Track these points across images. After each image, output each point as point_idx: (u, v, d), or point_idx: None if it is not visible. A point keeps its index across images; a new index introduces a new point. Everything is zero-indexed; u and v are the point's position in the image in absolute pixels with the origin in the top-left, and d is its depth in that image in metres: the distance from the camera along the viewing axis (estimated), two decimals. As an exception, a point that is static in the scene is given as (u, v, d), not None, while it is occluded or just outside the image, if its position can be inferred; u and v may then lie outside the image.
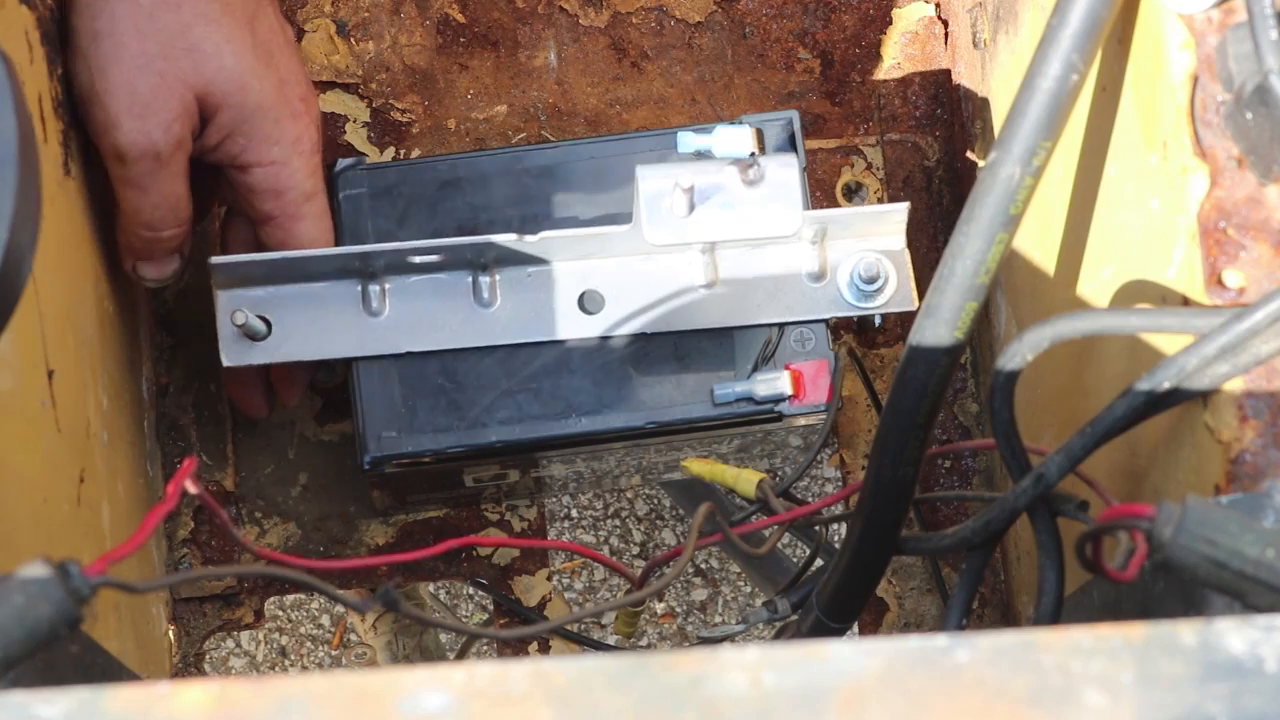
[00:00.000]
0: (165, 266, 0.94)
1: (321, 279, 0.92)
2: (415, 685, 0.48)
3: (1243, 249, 0.67)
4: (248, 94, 0.89)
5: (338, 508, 1.04)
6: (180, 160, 0.89)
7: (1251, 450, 0.66)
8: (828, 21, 1.10)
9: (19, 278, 0.57)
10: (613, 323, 0.93)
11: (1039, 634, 0.49)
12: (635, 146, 0.96)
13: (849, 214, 0.92)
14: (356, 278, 0.92)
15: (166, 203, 0.90)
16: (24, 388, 0.77)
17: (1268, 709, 0.47)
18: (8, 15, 0.80)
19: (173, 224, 0.91)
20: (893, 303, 0.94)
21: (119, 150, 0.87)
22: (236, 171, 0.91)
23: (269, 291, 0.92)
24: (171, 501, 0.61)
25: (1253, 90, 0.65)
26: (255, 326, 0.91)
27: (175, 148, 0.88)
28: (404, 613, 0.64)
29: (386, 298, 0.93)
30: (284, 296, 0.92)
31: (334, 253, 0.92)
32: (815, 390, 0.94)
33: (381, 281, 0.93)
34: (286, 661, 1.85)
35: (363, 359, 0.93)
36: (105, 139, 0.87)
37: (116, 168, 0.88)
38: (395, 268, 0.92)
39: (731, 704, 0.47)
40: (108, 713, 0.47)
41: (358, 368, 0.93)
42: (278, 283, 0.92)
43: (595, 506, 1.84)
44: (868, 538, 0.78)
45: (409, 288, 0.93)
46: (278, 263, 0.91)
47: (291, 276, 0.92)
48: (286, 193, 0.92)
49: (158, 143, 0.87)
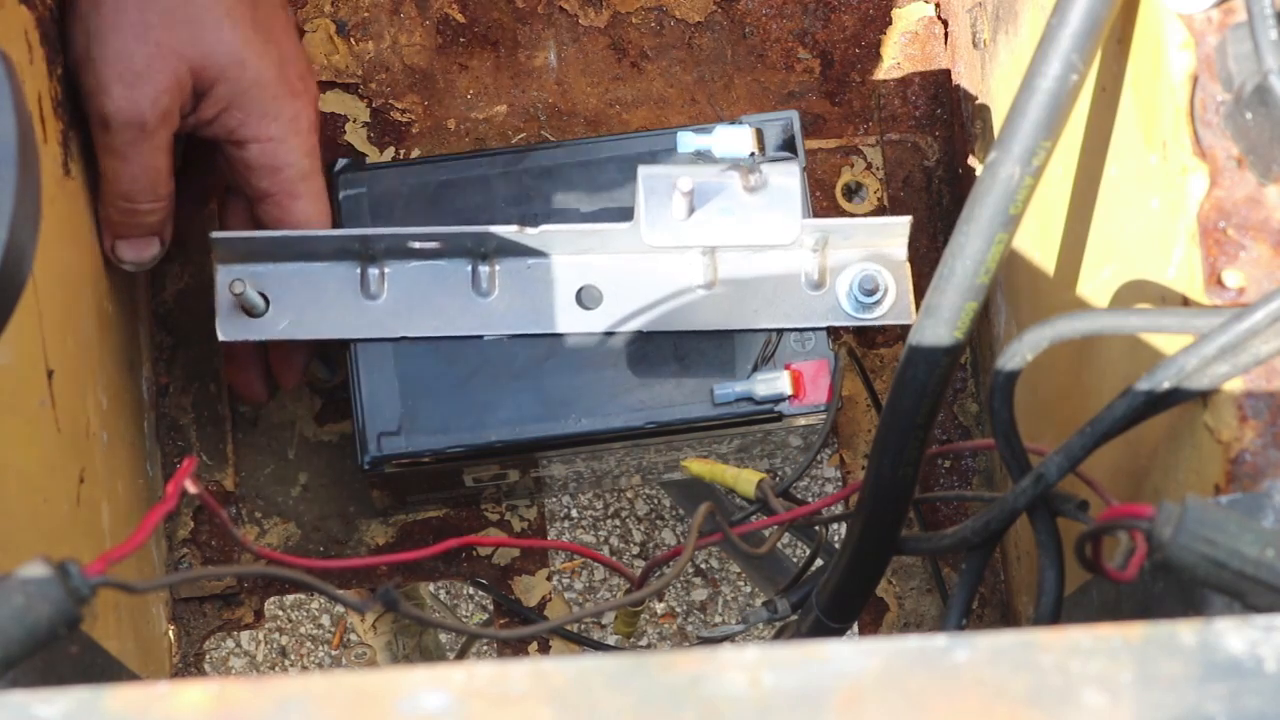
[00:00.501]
0: (143, 249, 0.93)
1: (321, 259, 0.92)
2: (415, 685, 0.48)
3: (1242, 249, 0.67)
4: (245, 68, 0.89)
5: (338, 508, 1.04)
6: (164, 134, 0.89)
7: (1251, 450, 0.66)
8: (828, 21, 1.10)
9: (19, 278, 0.57)
10: (610, 319, 0.93)
11: (1038, 634, 0.49)
12: (635, 146, 0.96)
13: (851, 224, 0.92)
14: (356, 260, 0.92)
15: (146, 175, 0.90)
16: (24, 388, 0.77)
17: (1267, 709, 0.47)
18: (8, 15, 0.80)
19: (150, 197, 0.91)
20: (891, 314, 0.94)
21: (105, 116, 0.87)
22: (233, 147, 0.92)
23: (268, 269, 0.92)
24: (171, 501, 0.61)
25: (1252, 90, 0.65)
26: (252, 298, 0.91)
27: (161, 120, 0.88)
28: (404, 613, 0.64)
29: (385, 282, 0.93)
30: (283, 275, 0.92)
31: (335, 234, 0.92)
32: (815, 390, 0.94)
33: (381, 265, 0.93)
34: (286, 661, 1.85)
35: (362, 359, 0.93)
36: (93, 103, 0.88)
37: (101, 134, 0.89)
38: (395, 252, 0.92)
39: (730, 704, 0.47)
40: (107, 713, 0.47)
41: (358, 368, 0.93)
42: (277, 260, 0.92)
43: (595, 506, 1.84)
44: (868, 538, 0.78)
45: (408, 273, 0.93)
46: (278, 240, 0.91)
47: (291, 255, 0.92)
48: (283, 170, 0.92)
49: (144, 113, 0.87)
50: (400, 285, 0.93)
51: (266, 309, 0.92)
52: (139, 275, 1.02)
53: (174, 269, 1.04)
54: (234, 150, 0.92)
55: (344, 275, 0.93)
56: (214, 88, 0.89)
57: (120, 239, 0.93)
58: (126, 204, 0.91)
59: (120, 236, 0.93)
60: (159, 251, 0.94)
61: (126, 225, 0.92)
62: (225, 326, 0.92)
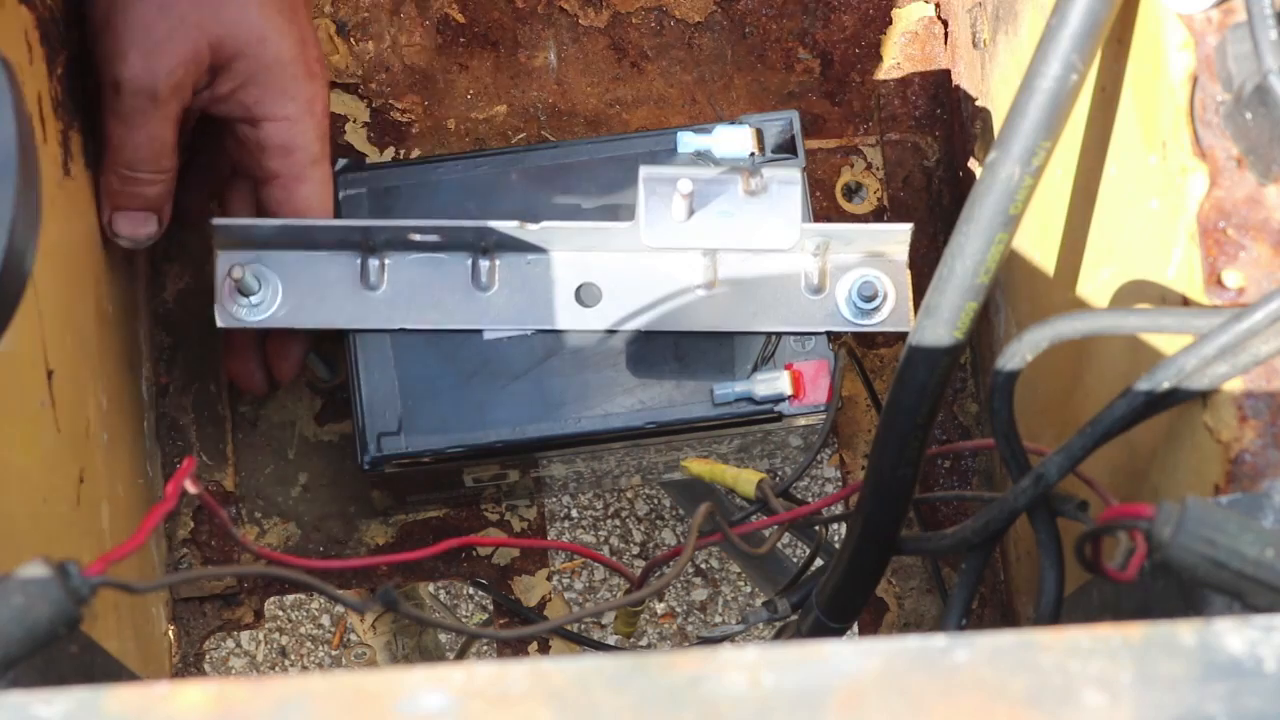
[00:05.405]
0: (140, 225, 0.93)
1: (321, 249, 0.92)
2: (414, 685, 0.48)
3: (1242, 249, 0.67)
4: (266, 45, 0.89)
5: (338, 508, 1.04)
6: (174, 106, 0.89)
7: (1251, 450, 0.66)
8: (827, 21, 1.10)
9: (19, 278, 0.57)
10: (608, 317, 0.93)
11: (1038, 634, 0.49)
12: (635, 146, 0.96)
13: (851, 230, 0.92)
14: (356, 251, 0.92)
15: (150, 144, 0.89)
16: (24, 388, 0.77)
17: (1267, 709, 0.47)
18: (8, 15, 0.80)
19: (152, 168, 0.91)
20: (889, 321, 0.94)
21: (118, 81, 0.87)
22: (247, 126, 0.91)
23: (268, 256, 0.92)
24: (171, 501, 0.61)
25: (1252, 90, 0.65)
26: (250, 284, 0.91)
27: (172, 92, 0.88)
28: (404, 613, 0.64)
29: (385, 273, 0.93)
30: (282, 263, 0.92)
31: (336, 224, 0.92)
32: (815, 390, 0.94)
33: (381, 257, 0.93)
34: (286, 661, 1.85)
35: (362, 358, 0.93)
36: (107, 68, 0.88)
37: (111, 99, 0.89)
38: (396, 244, 0.92)
39: (730, 704, 0.47)
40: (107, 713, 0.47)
41: (357, 368, 0.93)
42: (277, 248, 0.92)
43: (595, 506, 1.84)
44: (867, 538, 0.78)
45: (408, 265, 0.93)
46: (279, 228, 0.91)
47: (292, 243, 0.92)
48: (295, 152, 0.92)
49: (157, 83, 0.87)
50: (400, 277, 0.93)
51: (265, 296, 0.92)
52: (139, 275, 1.02)
53: (174, 269, 1.04)
54: (247, 129, 0.91)
55: (344, 265, 0.93)
56: (233, 63, 0.89)
57: (119, 211, 0.92)
58: (128, 172, 0.90)
59: (119, 208, 0.92)
60: (156, 231, 0.93)
61: (126, 195, 0.92)
62: (224, 313, 0.92)
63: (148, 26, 0.87)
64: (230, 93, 0.90)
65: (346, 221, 0.93)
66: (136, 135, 0.89)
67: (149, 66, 0.87)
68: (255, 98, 0.90)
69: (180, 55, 0.87)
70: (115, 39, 0.87)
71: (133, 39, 0.87)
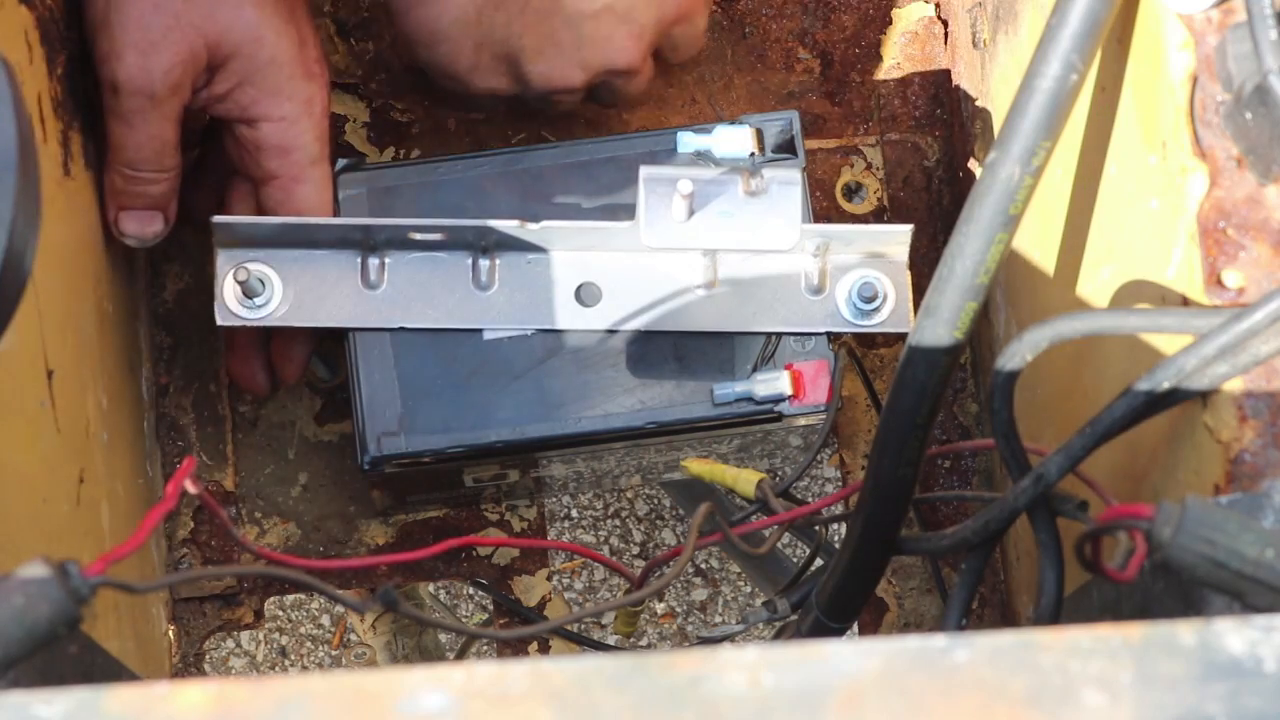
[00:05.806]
0: (146, 223, 0.93)
1: (321, 247, 0.92)
2: (414, 685, 0.48)
3: (1242, 249, 0.67)
4: (263, 45, 0.89)
5: (338, 508, 1.04)
6: (173, 105, 0.89)
7: (1251, 450, 0.66)
8: (827, 21, 1.10)
9: (19, 279, 0.57)
10: (608, 317, 0.93)
11: (1038, 634, 0.49)
12: (635, 146, 0.96)
13: (851, 230, 0.92)
14: (357, 249, 0.92)
15: (151, 144, 0.89)
16: (24, 388, 0.77)
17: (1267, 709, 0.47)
18: (8, 15, 0.80)
19: (154, 166, 0.91)
20: (889, 322, 0.94)
21: (115, 82, 0.87)
22: (244, 126, 0.91)
23: (269, 255, 0.92)
24: (171, 501, 0.61)
25: (1252, 90, 0.65)
26: (252, 284, 0.91)
27: (171, 91, 0.88)
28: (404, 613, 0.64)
29: (385, 271, 0.93)
30: (283, 261, 0.92)
31: (336, 222, 0.92)
32: (815, 390, 0.94)
33: (381, 255, 0.93)
34: (286, 661, 1.85)
35: (362, 358, 0.93)
36: (105, 68, 0.88)
37: (110, 99, 0.89)
38: (396, 243, 0.92)
39: (730, 704, 0.47)
40: (107, 713, 0.47)
41: (357, 368, 0.93)
42: (278, 246, 0.92)
43: (595, 506, 1.84)
44: (867, 538, 0.78)
45: (408, 264, 0.93)
46: (279, 227, 0.91)
47: (292, 242, 0.92)
48: (293, 152, 0.92)
49: (155, 82, 0.87)
50: (400, 276, 0.93)
51: (265, 295, 0.92)
52: (139, 275, 1.02)
53: (174, 269, 1.04)
54: (244, 129, 0.91)
55: (344, 264, 0.93)
56: (229, 63, 0.89)
57: (124, 210, 0.92)
58: (130, 171, 0.90)
59: (124, 207, 0.92)
60: (162, 229, 0.93)
61: (130, 195, 0.92)
62: (224, 312, 0.92)
63: (144, 25, 0.87)
64: (227, 93, 0.90)
65: (347, 220, 0.93)
66: (137, 135, 0.89)
67: (145, 66, 0.87)
68: (252, 98, 0.90)
69: (177, 55, 0.87)
70: (112, 39, 0.87)
71: (129, 39, 0.87)
